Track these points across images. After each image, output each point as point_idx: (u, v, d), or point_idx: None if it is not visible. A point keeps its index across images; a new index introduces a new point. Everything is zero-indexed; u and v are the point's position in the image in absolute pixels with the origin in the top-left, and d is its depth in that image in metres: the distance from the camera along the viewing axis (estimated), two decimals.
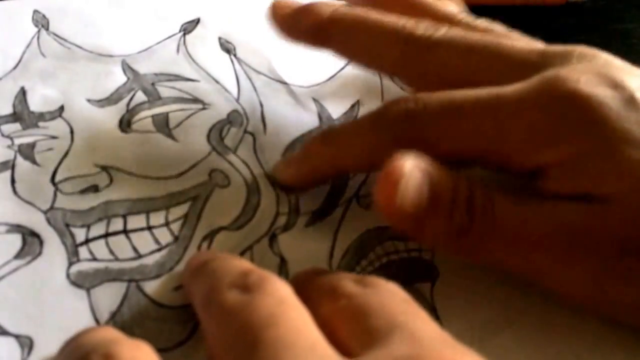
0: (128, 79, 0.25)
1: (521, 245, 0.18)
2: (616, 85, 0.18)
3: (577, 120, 0.18)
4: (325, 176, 0.22)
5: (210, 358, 0.16)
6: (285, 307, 0.15)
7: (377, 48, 0.22)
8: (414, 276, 0.21)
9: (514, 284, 0.21)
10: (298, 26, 0.23)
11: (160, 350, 0.15)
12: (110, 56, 0.25)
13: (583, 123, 0.18)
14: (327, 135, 0.22)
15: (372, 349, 0.14)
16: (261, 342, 0.14)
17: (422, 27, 0.21)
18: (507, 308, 0.20)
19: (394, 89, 0.26)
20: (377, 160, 0.18)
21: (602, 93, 0.18)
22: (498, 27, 0.22)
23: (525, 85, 0.19)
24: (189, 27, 0.27)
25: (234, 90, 0.25)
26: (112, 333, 0.16)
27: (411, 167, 0.18)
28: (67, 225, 0.20)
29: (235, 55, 0.26)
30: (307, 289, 0.17)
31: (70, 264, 0.19)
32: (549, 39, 0.21)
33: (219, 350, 0.15)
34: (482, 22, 0.23)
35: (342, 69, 0.26)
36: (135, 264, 0.20)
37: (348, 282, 0.16)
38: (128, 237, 0.20)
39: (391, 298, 0.16)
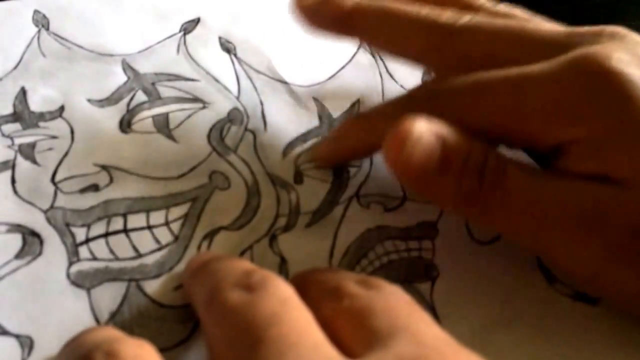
0: (128, 78, 0.25)
1: (531, 218, 0.18)
2: None
3: (604, 98, 0.17)
4: (355, 156, 0.23)
5: (211, 358, 0.16)
6: (287, 306, 0.15)
7: (402, 36, 0.22)
8: (414, 276, 0.21)
9: (513, 284, 0.21)
10: (322, 16, 0.23)
11: (160, 349, 0.15)
12: (111, 56, 0.25)
13: (610, 101, 0.17)
14: (357, 117, 0.23)
15: (374, 350, 0.14)
16: (264, 342, 0.14)
17: (445, 15, 0.21)
18: (507, 308, 0.20)
19: (395, 88, 0.26)
20: None
21: (633, 72, 0.17)
22: (519, 12, 0.22)
23: (553, 62, 0.18)
24: (189, 26, 0.27)
25: (234, 90, 0.25)
26: (113, 332, 0.16)
27: (422, 126, 0.18)
28: (67, 225, 0.20)
29: (235, 55, 0.26)
30: (309, 288, 0.17)
31: (71, 263, 0.19)
32: None
33: (221, 350, 0.15)
34: (503, 8, 0.22)
35: (342, 68, 0.26)
36: (135, 263, 0.20)
37: (351, 283, 0.16)
38: (128, 237, 0.20)
39: (394, 300, 0.16)
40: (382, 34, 0.22)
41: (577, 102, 0.18)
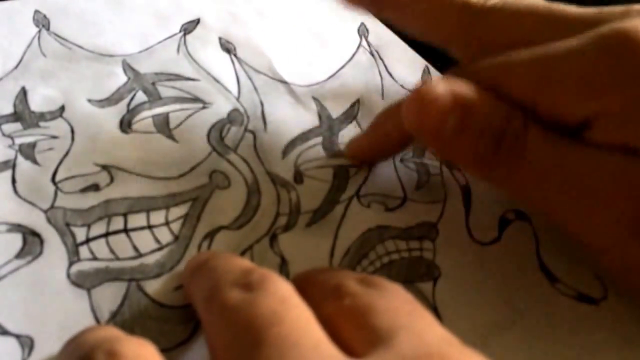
0: (129, 78, 0.25)
1: (551, 185, 0.18)
2: None
3: (631, 70, 0.17)
4: (395, 144, 0.23)
5: (211, 357, 0.16)
6: (287, 305, 0.15)
7: (433, 16, 0.22)
8: (416, 275, 0.21)
9: (515, 285, 0.21)
10: None
11: (161, 350, 0.15)
12: (111, 56, 0.25)
13: (638, 73, 0.17)
14: (389, 107, 0.23)
15: (376, 349, 0.14)
16: (265, 341, 0.14)
17: None
18: (509, 308, 0.20)
19: (395, 88, 0.26)
20: None
21: None
22: None
23: (583, 37, 0.18)
24: (190, 27, 0.27)
25: (234, 90, 0.25)
26: (114, 332, 0.16)
27: (441, 87, 0.18)
28: (68, 225, 0.20)
29: (235, 55, 0.26)
30: (310, 287, 0.17)
31: (71, 263, 0.19)
32: None
33: (221, 349, 0.15)
34: None
35: (342, 68, 0.26)
36: (135, 263, 0.20)
37: (351, 282, 0.16)
38: (128, 236, 0.20)
39: (396, 299, 0.16)
40: (414, 12, 0.22)
41: (606, 75, 0.18)
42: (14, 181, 0.21)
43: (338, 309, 0.16)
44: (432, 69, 0.27)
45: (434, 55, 0.26)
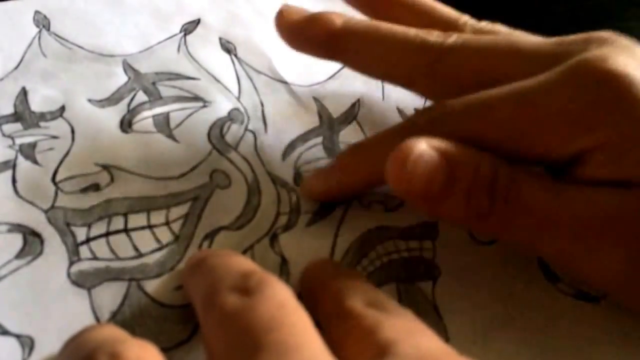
0: (129, 78, 0.25)
1: (550, 230, 0.18)
2: None
3: (613, 102, 0.17)
4: (356, 189, 0.22)
5: (209, 358, 0.16)
6: (285, 310, 0.15)
7: (392, 59, 0.21)
8: (415, 275, 0.21)
9: (515, 284, 0.21)
10: (308, 36, 0.22)
11: (161, 349, 0.15)
12: (112, 56, 0.25)
13: (620, 104, 0.17)
14: (356, 147, 0.22)
15: (375, 359, 0.14)
16: (263, 347, 0.14)
17: (434, 35, 0.21)
18: (509, 306, 0.20)
19: (394, 88, 0.26)
20: None
21: (633, 72, 0.17)
22: (502, 28, 0.22)
23: (553, 74, 0.18)
24: (190, 27, 0.27)
25: (234, 90, 0.25)
26: (116, 331, 0.16)
27: (423, 144, 0.17)
28: (68, 225, 0.20)
29: (235, 55, 0.26)
30: (318, 303, 0.17)
31: (71, 263, 0.19)
32: (549, 36, 0.21)
33: (219, 354, 0.15)
34: (486, 25, 0.22)
35: (342, 68, 0.26)
36: (136, 262, 0.20)
37: (359, 303, 0.16)
38: (129, 236, 0.20)
39: (401, 320, 0.16)
40: (372, 56, 0.22)
41: (587, 110, 0.17)
42: (14, 181, 0.21)
43: (344, 331, 0.16)
44: None
45: None
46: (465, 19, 0.23)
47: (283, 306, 0.15)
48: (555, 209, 0.18)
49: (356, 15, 0.23)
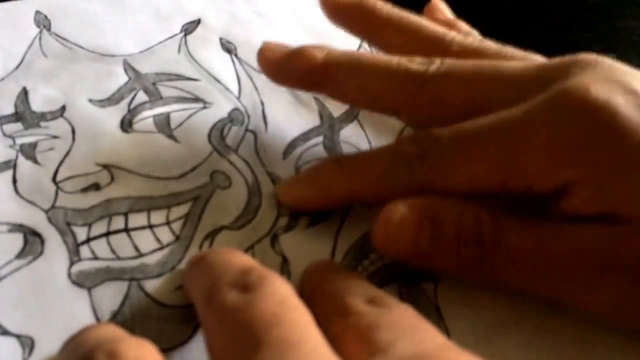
0: (130, 78, 0.25)
1: (540, 271, 0.18)
2: (628, 91, 0.17)
3: (594, 135, 0.17)
4: (335, 201, 0.21)
5: (210, 357, 0.16)
6: (286, 307, 0.15)
7: (374, 89, 0.21)
8: (416, 276, 0.20)
9: None
10: (290, 71, 0.22)
11: (161, 349, 0.15)
12: (112, 56, 0.25)
13: (602, 136, 0.17)
14: (342, 158, 0.21)
15: (374, 357, 0.14)
16: (263, 344, 0.14)
17: (416, 62, 0.21)
18: (512, 308, 0.20)
19: None
20: (391, 194, 0.19)
21: (616, 101, 0.17)
22: (490, 45, 0.22)
23: (534, 104, 0.18)
24: (190, 27, 0.27)
25: (235, 90, 0.25)
26: (115, 331, 0.16)
27: (402, 207, 0.18)
28: (69, 224, 0.20)
29: (236, 55, 0.26)
30: (318, 301, 0.17)
31: (72, 263, 0.19)
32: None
33: (220, 351, 0.15)
34: (474, 42, 0.22)
35: None
36: (136, 262, 0.20)
37: (359, 300, 0.16)
38: (129, 236, 0.20)
39: (402, 316, 0.16)
40: (355, 88, 0.22)
41: (569, 142, 0.17)
42: (15, 181, 0.21)
43: (343, 327, 0.16)
44: None
45: None
46: (452, 35, 0.22)
47: (283, 303, 0.15)
48: (542, 248, 0.18)
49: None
